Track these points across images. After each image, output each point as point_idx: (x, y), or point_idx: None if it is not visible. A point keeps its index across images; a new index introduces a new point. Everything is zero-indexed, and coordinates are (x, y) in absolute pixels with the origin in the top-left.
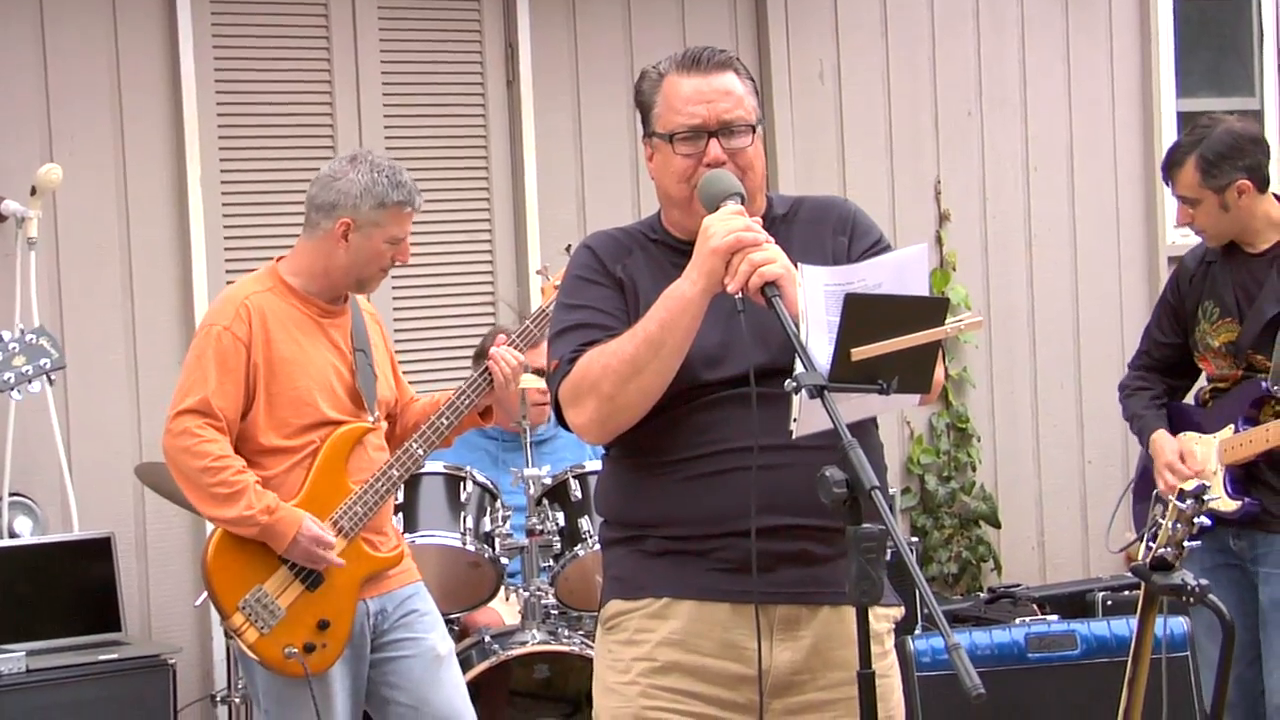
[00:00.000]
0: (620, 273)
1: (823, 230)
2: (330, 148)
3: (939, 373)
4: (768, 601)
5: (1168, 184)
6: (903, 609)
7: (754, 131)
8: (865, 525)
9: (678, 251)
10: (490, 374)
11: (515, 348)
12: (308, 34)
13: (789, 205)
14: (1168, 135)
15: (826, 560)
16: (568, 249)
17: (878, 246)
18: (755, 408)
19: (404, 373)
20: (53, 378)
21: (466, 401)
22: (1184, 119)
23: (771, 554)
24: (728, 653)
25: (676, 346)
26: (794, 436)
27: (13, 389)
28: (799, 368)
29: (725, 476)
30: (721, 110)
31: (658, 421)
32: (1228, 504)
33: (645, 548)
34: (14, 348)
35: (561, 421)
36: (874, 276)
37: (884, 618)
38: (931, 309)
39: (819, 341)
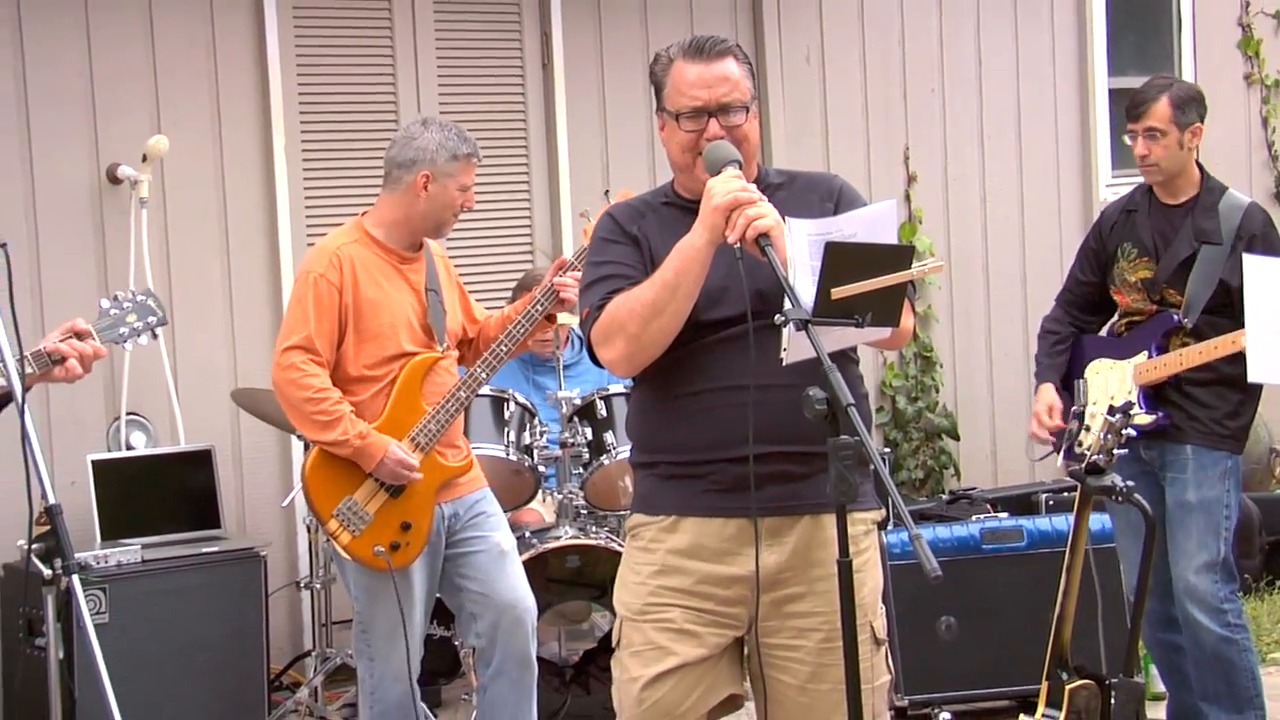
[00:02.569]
0: (636, 231)
1: (813, 197)
2: (394, 121)
3: (909, 321)
4: (758, 515)
5: (1134, 122)
6: (882, 512)
7: (747, 110)
8: (843, 437)
9: (686, 210)
10: (545, 302)
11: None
12: (374, 24)
13: (786, 176)
14: (1101, 108)
15: (804, 478)
16: (606, 194)
17: None
18: (751, 337)
19: None
20: (157, 333)
21: (521, 331)
22: (1114, 94)
23: (758, 476)
24: (723, 559)
25: (689, 290)
26: (784, 364)
27: (124, 342)
28: (787, 305)
29: (716, 411)
30: (720, 94)
31: (667, 359)
32: (1143, 418)
33: (658, 472)
34: (127, 306)
35: (594, 360)
36: (850, 227)
37: (860, 521)
38: (899, 255)
39: (804, 283)
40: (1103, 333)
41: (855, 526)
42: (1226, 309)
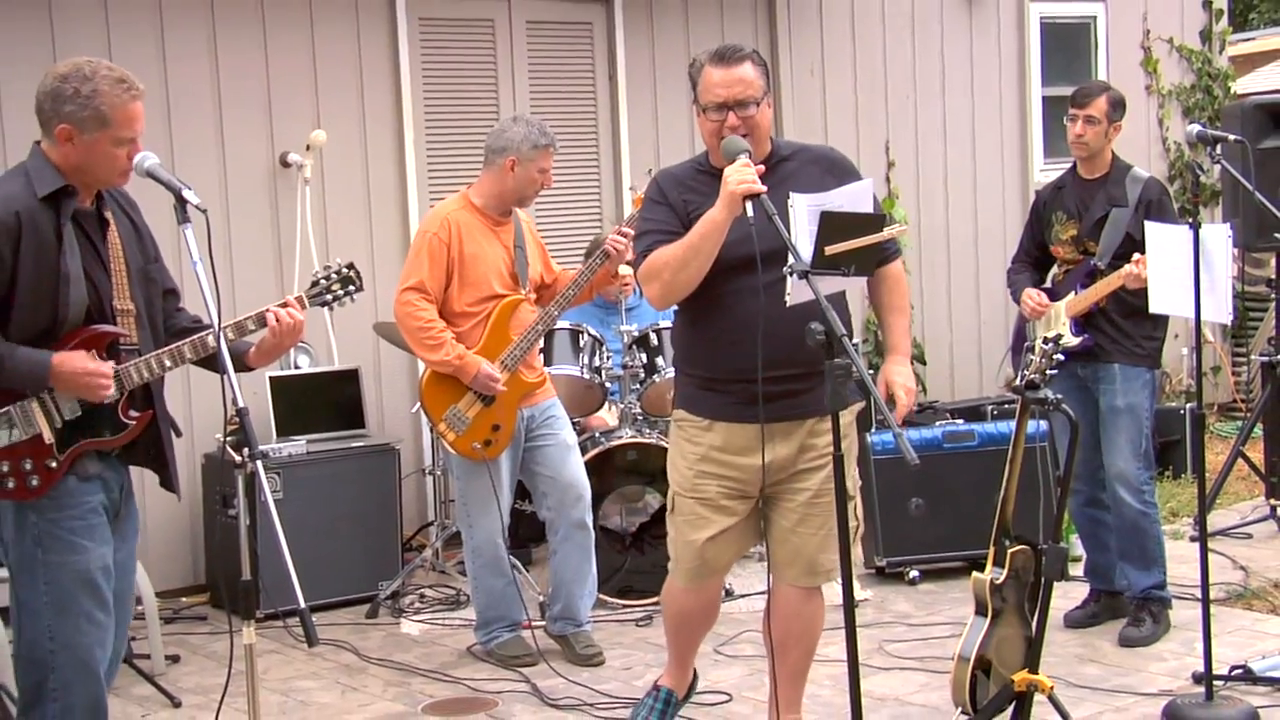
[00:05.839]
0: (675, 197)
1: (814, 169)
2: (496, 117)
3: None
4: (771, 420)
5: (1078, 108)
6: (862, 403)
7: (759, 103)
8: (837, 359)
9: (715, 178)
10: (600, 259)
11: (622, 234)
12: (481, 43)
13: (794, 149)
14: (1035, 109)
15: (804, 393)
16: (649, 171)
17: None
18: (760, 270)
19: None
20: (355, 297)
21: (584, 279)
22: (1047, 100)
23: (771, 392)
24: (745, 453)
25: (710, 251)
26: (788, 305)
27: (327, 306)
28: (791, 259)
29: (737, 341)
30: (735, 92)
31: (701, 299)
32: (1072, 340)
33: (696, 381)
34: (334, 276)
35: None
36: (838, 200)
37: (850, 412)
38: (875, 221)
39: (804, 243)
40: (1048, 283)
41: (846, 416)
42: (1131, 255)
